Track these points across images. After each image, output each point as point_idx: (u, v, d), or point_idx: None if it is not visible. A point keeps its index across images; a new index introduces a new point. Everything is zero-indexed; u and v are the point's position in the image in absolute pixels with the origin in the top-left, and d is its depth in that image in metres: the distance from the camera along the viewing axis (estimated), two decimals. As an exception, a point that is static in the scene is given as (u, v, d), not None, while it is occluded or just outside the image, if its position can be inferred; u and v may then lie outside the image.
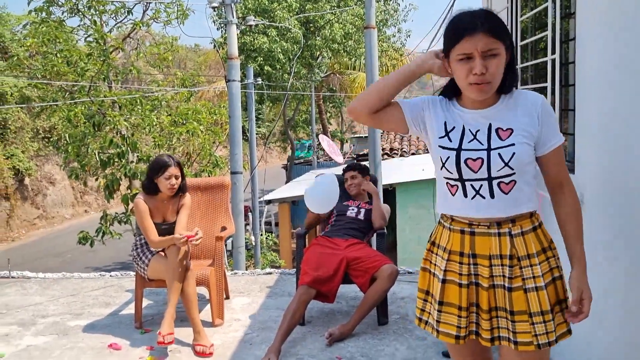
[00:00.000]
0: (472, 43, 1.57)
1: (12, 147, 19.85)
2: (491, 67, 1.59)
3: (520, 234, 1.68)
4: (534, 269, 1.66)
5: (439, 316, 1.76)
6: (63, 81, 10.43)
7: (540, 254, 1.68)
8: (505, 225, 1.68)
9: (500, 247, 1.68)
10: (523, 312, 1.66)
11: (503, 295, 1.68)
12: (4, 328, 3.74)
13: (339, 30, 19.01)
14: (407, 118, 1.80)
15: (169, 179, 3.52)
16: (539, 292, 1.65)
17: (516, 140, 1.64)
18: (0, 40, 20.78)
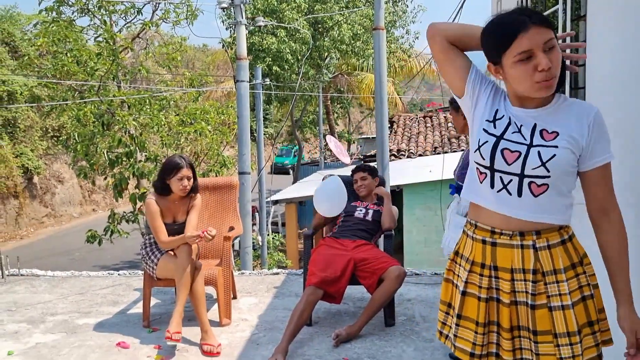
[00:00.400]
0: (529, 38, 1.46)
1: (22, 145, 19.98)
2: (554, 60, 1.48)
3: (546, 247, 1.56)
4: (561, 285, 1.54)
5: (456, 330, 1.69)
6: (73, 80, 10.49)
7: (568, 270, 1.55)
8: (529, 237, 1.56)
9: (523, 261, 1.56)
10: (547, 332, 1.54)
11: (526, 313, 1.57)
12: (13, 325, 3.77)
13: (347, 31, 19.00)
14: (470, 76, 1.66)
15: (182, 180, 3.54)
16: (566, 310, 1.52)
17: (560, 144, 1.52)
18: (11, 39, 20.93)
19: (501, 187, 1.57)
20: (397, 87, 25.71)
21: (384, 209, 3.96)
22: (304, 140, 29.80)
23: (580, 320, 1.53)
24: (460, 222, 2.91)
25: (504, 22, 1.53)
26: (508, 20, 1.51)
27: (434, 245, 10.51)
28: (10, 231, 19.51)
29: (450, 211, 3.06)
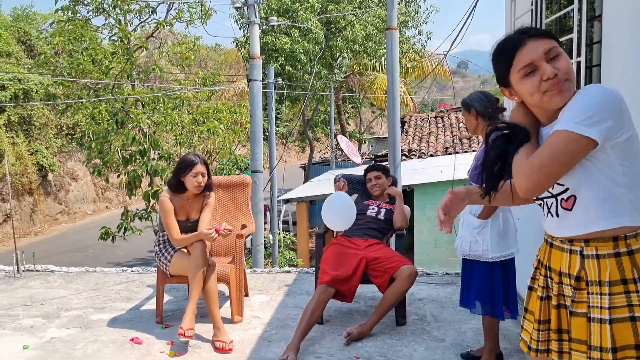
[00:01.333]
0: (528, 52, 1.50)
1: (37, 143, 20.21)
2: (560, 66, 1.48)
3: (594, 256, 1.50)
4: (603, 298, 1.47)
5: (523, 321, 1.74)
6: (87, 79, 10.61)
7: (617, 284, 1.46)
8: (577, 244, 1.54)
9: (569, 265, 1.55)
10: (582, 341, 1.50)
11: (567, 317, 1.57)
12: (28, 320, 3.83)
13: (360, 31, 19.00)
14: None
15: (196, 177, 3.58)
16: (602, 325, 1.46)
17: None
18: (27, 38, 21.19)
19: (547, 211, 1.61)
20: (409, 87, 25.63)
21: (395, 208, 3.97)
22: (316, 139, 29.82)
23: (621, 340, 1.45)
24: (472, 222, 2.92)
25: (503, 43, 1.57)
26: (507, 41, 1.55)
27: (444, 245, 10.49)
28: (25, 227, 19.75)
29: (463, 211, 3.06)
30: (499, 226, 2.89)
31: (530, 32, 1.52)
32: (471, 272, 2.98)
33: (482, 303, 2.93)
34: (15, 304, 4.20)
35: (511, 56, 1.52)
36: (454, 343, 3.34)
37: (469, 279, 3.00)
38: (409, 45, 22.62)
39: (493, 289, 2.89)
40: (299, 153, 36.29)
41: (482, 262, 2.90)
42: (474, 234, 2.91)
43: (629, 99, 2.24)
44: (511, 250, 2.92)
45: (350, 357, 3.15)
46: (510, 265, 2.96)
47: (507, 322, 3.26)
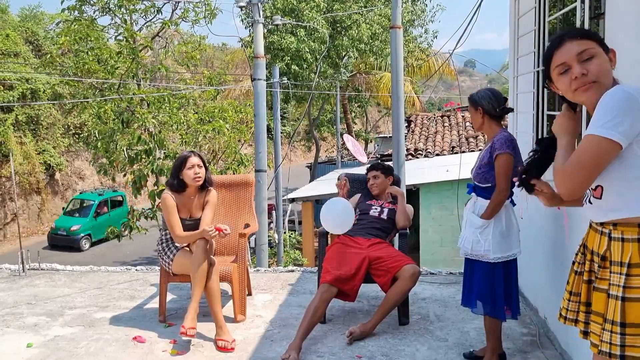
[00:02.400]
0: (564, 52, 1.67)
1: (44, 142, 20.34)
2: (591, 68, 1.63)
3: (620, 239, 1.63)
4: (621, 277, 1.60)
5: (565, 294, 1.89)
6: (94, 79, 10.66)
7: (635, 267, 1.58)
8: (607, 227, 1.68)
9: (599, 245, 1.70)
10: (600, 314, 1.65)
11: (591, 292, 1.72)
12: (33, 318, 3.85)
13: (366, 30, 18.98)
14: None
15: (192, 168, 3.60)
16: (617, 301, 1.60)
17: None
18: (35, 38, 21.32)
19: (585, 199, 1.76)
20: (415, 86, 25.58)
21: (398, 207, 3.95)
22: (322, 138, 29.83)
23: (631, 317, 1.57)
24: (475, 221, 2.91)
25: (549, 44, 1.75)
26: (550, 41, 1.74)
27: (449, 245, 10.45)
28: (33, 226, 19.89)
29: (467, 210, 3.05)
30: (501, 227, 2.87)
31: (570, 33, 1.68)
32: (473, 272, 2.96)
33: (484, 303, 2.91)
34: (20, 302, 4.22)
35: (550, 55, 1.71)
36: (457, 343, 3.32)
37: (470, 278, 2.99)
38: (416, 44, 22.57)
39: (494, 289, 2.87)
40: (305, 152, 36.34)
41: (484, 261, 2.88)
42: (477, 234, 2.89)
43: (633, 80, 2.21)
44: (513, 252, 2.90)
45: (353, 357, 3.14)
46: (512, 266, 2.94)
47: (510, 322, 3.25)
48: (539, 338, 3.31)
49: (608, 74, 1.66)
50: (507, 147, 2.81)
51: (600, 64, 1.64)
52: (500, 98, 2.96)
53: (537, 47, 3.52)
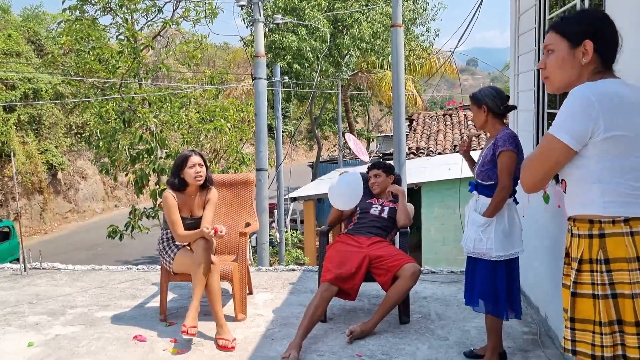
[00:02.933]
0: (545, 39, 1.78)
1: (46, 142, 20.37)
2: (548, 63, 1.74)
3: (577, 235, 1.69)
4: (573, 273, 1.67)
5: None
6: (95, 78, 10.66)
7: (585, 263, 1.64)
8: (570, 222, 1.74)
9: (569, 241, 1.74)
10: (565, 310, 1.70)
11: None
12: (34, 317, 3.86)
13: (367, 29, 18.95)
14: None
15: (193, 167, 3.60)
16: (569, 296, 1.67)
17: None
18: (37, 38, 21.35)
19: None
20: (417, 85, 25.55)
21: (399, 206, 3.95)
22: (323, 137, 29.83)
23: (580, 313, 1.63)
24: (477, 219, 2.90)
25: None
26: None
27: (452, 243, 10.44)
28: (35, 226, 19.92)
29: (468, 208, 3.05)
30: (504, 225, 2.86)
31: (553, 24, 1.76)
32: (475, 270, 2.95)
33: (485, 301, 2.91)
34: (22, 301, 4.23)
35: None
36: (458, 342, 3.32)
37: (472, 276, 2.98)
38: (417, 43, 22.53)
39: (496, 288, 2.86)
40: (307, 151, 36.33)
41: (486, 260, 2.88)
42: (479, 232, 2.88)
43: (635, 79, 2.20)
44: (515, 250, 2.89)
45: (353, 355, 3.14)
46: (514, 264, 2.94)
47: (511, 320, 3.24)
48: (539, 337, 3.31)
49: (559, 71, 1.71)
50: (510, 145, 2.81)
51: (554, 60, 1.71)
52: (503, 96, 2.96)
53: (538, 45, 3.51)
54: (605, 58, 1.72)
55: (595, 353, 1.61)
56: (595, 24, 1.71)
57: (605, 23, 1.73)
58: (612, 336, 1.59)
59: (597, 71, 1.70)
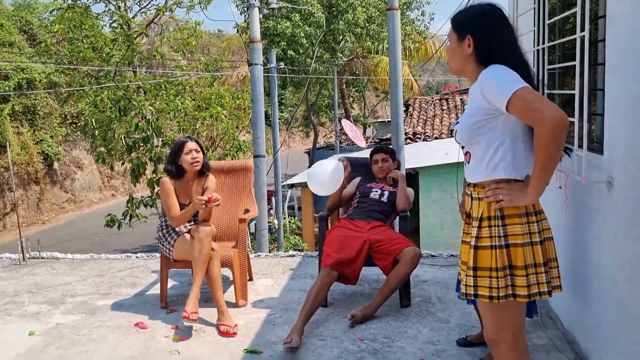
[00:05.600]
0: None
1: (41, 132, 20.25)
2: (446, 51, 2.06)
3: (477, 198, 1.98)
4: (474, 230, 1.96)
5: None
6: (89, 67, 10.58)
7: (484, 220, 1.93)
8: (469, 188, 2.04)
9: (469, 205, 2.05)
10: (464, 262, 2.02)
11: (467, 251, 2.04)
12: (34, 307, 3.85)
13: (362, 13, 18.82)
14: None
15: (190, 153, 3.59)
16: (470, 249, 1.96)
17: (461, 119, 1.98)
18: (29, 27, 21.13)
19: (462, 160, 2.07)
20: (413, 70, 25.44)
21: (398, 190, 3.94)
22: (320, 124, 29.74)
23: (482, 262, 1.92)
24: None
25: None
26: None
27: (450, 227, 10.47)
28: (32, 216, 19.87)
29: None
30: None
31: (451, 16, 2.02)
32: None
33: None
34: (21, 290, 4.22)
35: None
36: (459, 324, 3.33)
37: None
38: (413, 27, 22.40)
39: None
40: (304, 138, 36.23)
41: None
42: None
43: (628, 74, 2.19)
44: None
45: (355, 340, 3.15)
46: None
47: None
48: (540, 318, 3.31)
49: (452, 59, 2.01)
50: None
51: (449, 49, 2.01)
52: None
53: (537, 25, 3.48)
54: (487, 51, 1.93)
55: (492, 294, 1.91)
56: (477, 19, 1.95)
57: (486, 18, 1.95)
58: (505, 279, 1.90)
59: (481, 62, 1.94)
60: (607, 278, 2.42)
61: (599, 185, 2.38)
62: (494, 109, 1.87)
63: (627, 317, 2.22)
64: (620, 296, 2.26)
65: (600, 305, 2.51)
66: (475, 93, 1.92)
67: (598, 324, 2.55)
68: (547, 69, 3.36)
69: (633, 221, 2.13)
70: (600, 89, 2.56)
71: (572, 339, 2.94)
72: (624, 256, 2.21)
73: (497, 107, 1.84)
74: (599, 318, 2.53)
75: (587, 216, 2.62)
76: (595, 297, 2.56)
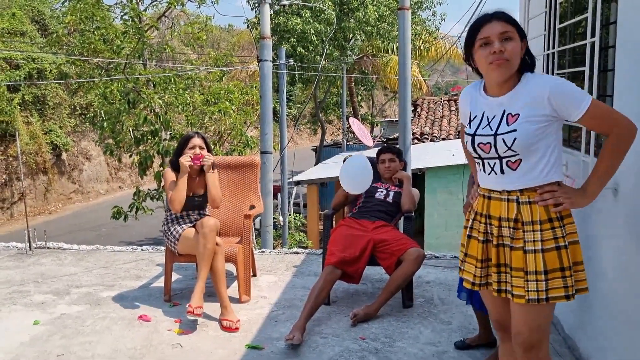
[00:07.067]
0: (489, 28, 1.88)
1: (50, 122, 20.35)
2: (508, 47, 1.86)
3: (527, 202, 1.91)
4: (535, 234, 1.89)
5: (464, 265, 2.12)
6: (99, 58, 10.61)
7: (545, 223, 1.89)
8: (514, 193, 1.94)
9: (508, 211, 1.94)
10: (520, 269, 1.91)
11: (508, 253, 1.95)
12: (39, 296, 3.88)
13: (373, 12, 18.77)
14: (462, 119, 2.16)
15: (193, 149, 3.62)
16: (536, 254, 1.88)
17: (519, 126, 1.87)
18: (41, 17, 21.22)
19: (490, 170, 1.98)
20: (422, 70, 25.37)
21: (403, 190, 3.94)
22: (327, 122, 29.70)
23: (550, 264, 1.87)
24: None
25: (476, 19, 1.96)
26: (480, 17, 1.95)
27: (454, 229, 10.45)
28: (40, 206, 19.99)
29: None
30: None
31: (499, 15, 1.90)
32: None
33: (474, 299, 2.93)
34: (27, 280, 4.26)
35: (478, 28, 1.91)
36: (461, 326, 3.33)
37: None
38: (423, 27, 22.33)
39: None
40: (311, 135, 36.24)
41: None
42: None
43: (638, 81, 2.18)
44: None
45: (356, 338, 3.16)
46: None
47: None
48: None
49: (518, 56, 1.89)
50: None
51: (515, 47, 1.87)
52: None
53: (548, 29, 3.47)
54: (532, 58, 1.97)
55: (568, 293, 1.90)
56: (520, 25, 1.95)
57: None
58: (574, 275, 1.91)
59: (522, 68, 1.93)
60: (610, 284, 2.42)
61: (605, 192, 2.37)
62: (554, 116, 1.87)
63: (628, 323, 2.22)
64: (622, 303, 2.26)
65: (601, 311, 2.51)
66: (533, 99, 1.86)
67: (599, 330, 2.55)
68: (557, 73, 3.35)
69: (638, 228, 2.13)
70: (609, 95, 2.55)
71: (572, 345, 2.94)
72: (628, 264, 2.21)
73: (566, 114, 1.86)
74: (600, 323, 2.53)
75: (592, 222, 2.61)
76: (597, 303, 2.56)
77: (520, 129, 1.87)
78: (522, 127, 1.86)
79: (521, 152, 1.88)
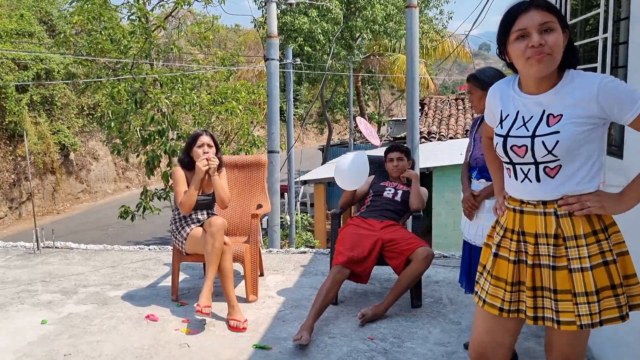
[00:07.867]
0: (527, 18, 1.63)
1: (58, 122, 20.45)
2: (549, 40, 1.62)
3: (567, 214, 1.69)
4: (580, 250, 1.67)
5: (487, 286, 1.84)
6: (107, 58, 10.64)
7: (589, 236, 1.67)
8: (551, 205, 1.71)
9: (545, 226, 1.71)
10: (567, 291, 1.68)
11: (548, 274, 1.71)
12: (47, 295, 3.89)
13: (380, 11, 18.73)
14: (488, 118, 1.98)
15: (202, 147, 3.61)
16: (584, 272, 1.66)
17: (562, 128, 1.64)
18: (49, 18, 21.32)
19: (523, 177, 1.73)
20: (429, 69, 25.30)
21: (412, 189, 3.91)
22: (334, 121, 29.69)
23: (600, 282, 1.65)
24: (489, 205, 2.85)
25: (511, 6, 1.70)
26: (515, 5, 1.69)
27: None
28: (47, 206, 20.09)
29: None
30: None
31: (537, 2, 1.65)
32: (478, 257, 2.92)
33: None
34: (35, 279, 4.26)
35: (513, 18, 1.66)
36: (470, 326, 3.29)
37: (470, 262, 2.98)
38: (430, 26, 22.26)
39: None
40: (318, 135, 36.24)
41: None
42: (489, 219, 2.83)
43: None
44: None
45: (364, 338, 3.13)
46: None
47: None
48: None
49: (561, 50, 1.65)
50: None
51: (557, 39, 1.63)
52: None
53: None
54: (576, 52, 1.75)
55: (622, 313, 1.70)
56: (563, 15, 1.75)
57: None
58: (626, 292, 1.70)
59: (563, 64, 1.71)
60: None
61: (618, 189, 2.34)
62: (602, 118, 1.65)
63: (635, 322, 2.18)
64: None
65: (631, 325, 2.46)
66: (579, 99, 1.65)
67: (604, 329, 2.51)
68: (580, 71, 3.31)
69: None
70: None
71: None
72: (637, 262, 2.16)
73: (617, 116, 1.64)
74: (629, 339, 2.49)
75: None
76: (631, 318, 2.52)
77: (564, 131, 1.64)
78: (566, 128, 1.64)
79: (563, 157, 1.65)
